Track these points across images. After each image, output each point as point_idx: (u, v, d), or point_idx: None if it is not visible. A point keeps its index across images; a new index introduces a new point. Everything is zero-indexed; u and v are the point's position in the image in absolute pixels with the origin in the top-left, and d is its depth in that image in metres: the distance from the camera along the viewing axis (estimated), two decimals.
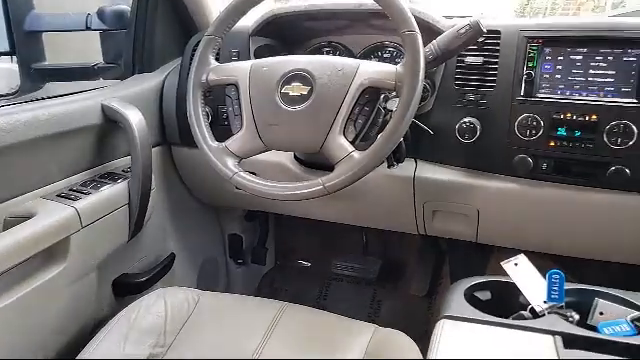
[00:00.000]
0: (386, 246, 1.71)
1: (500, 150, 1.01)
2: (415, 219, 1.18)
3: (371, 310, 1.61)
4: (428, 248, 1.62)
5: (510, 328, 0.63)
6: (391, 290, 1.64)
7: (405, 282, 1.61)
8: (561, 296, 0.69)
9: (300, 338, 0.89)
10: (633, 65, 0.91)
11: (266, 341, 0.87)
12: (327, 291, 1.70)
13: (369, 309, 1.62)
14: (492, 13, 1.64)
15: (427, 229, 1.20)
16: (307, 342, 0.87)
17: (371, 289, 1.66)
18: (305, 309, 0.99)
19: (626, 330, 0.64)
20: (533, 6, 3.81)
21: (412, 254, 1.65)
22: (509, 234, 1.15)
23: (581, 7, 3.14)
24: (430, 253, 1.62)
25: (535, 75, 0.97)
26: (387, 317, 1.57)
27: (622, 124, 0.90)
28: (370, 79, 0.86)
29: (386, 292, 1.64)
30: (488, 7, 1.74)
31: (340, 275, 1.70)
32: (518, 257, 0.75)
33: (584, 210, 1.00)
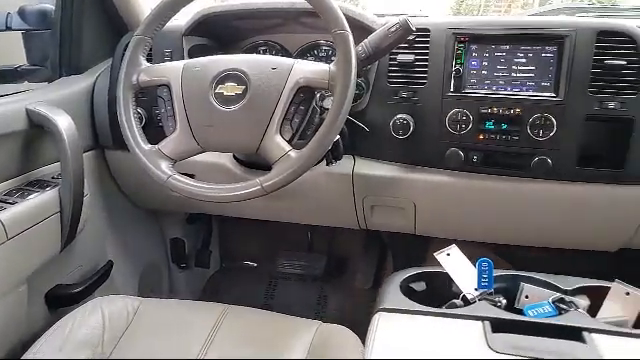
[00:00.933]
0: (331, 242, 1.73)
1: (433, 144, 1.04)
2: (355, 214, 1.20)
3: (318, 306, 1.63)
4: (371, 242, 1.65)
5: (443, 317, 0.66)
6: (337, 285, 1.66)
7: (350, 276, 1.64)
8: (490, 283, 0.72)
9: (243, 340, 0.88)
10: (551, 61, 0.97)
11: (208, 345, 0.86)
12: (274, 290, 1.70)
13: (316, 305, 1.63)
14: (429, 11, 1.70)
15: (367, 224, 1.23)
16: (250, 343, 0.87)
17: (318, 285, 1.67)
18: (248, 310, 0.98)
19: (548, 311, 0.68)
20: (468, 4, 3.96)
21: (356, 248, 1.67)
22: (445, 225, 1.19)
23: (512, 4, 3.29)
24: (374, 246, 1.65)
25: (463, 71, 1.01)
26: (334, 312, 1.59)
27: (543, 117, 0.96)
28: (304, 78, 0.87)
29: (332, 287, 1.66)
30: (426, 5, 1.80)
31: (286, 274, 1.70)
32: (450, 248, 0.78)
33: (512, 199, 1.06)
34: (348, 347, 0.83)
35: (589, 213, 1.04)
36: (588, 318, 0.67)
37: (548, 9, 1.37)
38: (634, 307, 0.68)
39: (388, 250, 1.64)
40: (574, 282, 0.74)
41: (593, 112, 0.94)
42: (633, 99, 0.92)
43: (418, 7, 1.66)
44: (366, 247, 1.65)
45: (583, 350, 0.59)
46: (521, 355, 0.58)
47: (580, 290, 0.73)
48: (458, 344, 0.60)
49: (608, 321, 0.67)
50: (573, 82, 0.94)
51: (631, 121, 0.92)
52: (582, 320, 0.65)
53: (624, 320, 0.67)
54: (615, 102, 0.93)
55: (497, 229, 1.15)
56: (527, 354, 0.58)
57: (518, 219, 1.09)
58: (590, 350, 0.59)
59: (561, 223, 1.07)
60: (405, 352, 0.60)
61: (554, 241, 1.14)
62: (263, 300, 1.68)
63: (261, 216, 1.33)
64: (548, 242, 1.14)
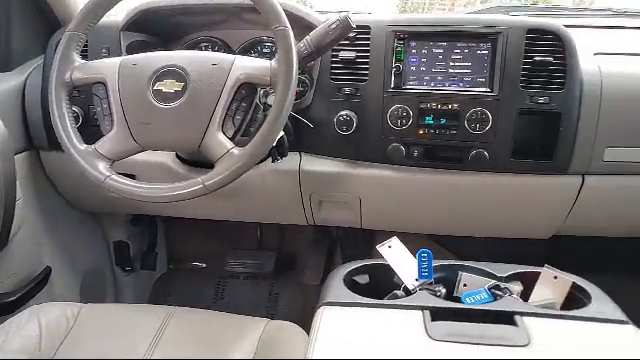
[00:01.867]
0: (281, 239, 1.73)
1: (375, 140, 1.06)
2: (303, 210, 1.21)
3: (269, 304, 1.62)
4: (321, 237, 1.66)
5: (384, 308, 0.67)
6: (288, 282, 1.66)
7: (300, 272, 1.65)
8: (430, 273, 0.74)
9: (189, 341, 0.87)
10: (485, 58, 1.01)
11: (153, 347, 0.84)
12: (224, 290, 1.68)
13: (267, 303, 1.63)
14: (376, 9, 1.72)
15: (315, 219, 1.24)
16: (196, 344, 0.86)
17: (268, 283, 1.67)
18: (195, 311, 0.97)
19: (484, 298, 0.71)
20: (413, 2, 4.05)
21: (306, 244, 1.68)
22: (390, 218, 1.22)
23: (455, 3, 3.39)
24: (323, 242, 1.66)
25: (403, 68, 1.03)
26: (285, 309, 1.59)
27: (479, 111, 0.99)
28: (246, 74, 0.86)
29: (283, 284, 1.66)
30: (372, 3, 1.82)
31: (236, 273, 1.68)
32: (391, 240, 0.79)
33: (452, 191, 1.09)
34: (295, 343, 0.84)
35: (523, 203, 1.09)
36: (520, 303, 0.70)
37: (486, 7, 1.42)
38: (562, 290, 0.72)
39: (337, 245, 1.66)
40: (508, 269, 0.77)
41: (525, 106, 0.98)
42: (560, 94, 0.97)
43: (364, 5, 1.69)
44: (315, 243, 1.66)
45: (514, 333, 0.62)
46: (458, 341, 0.61)
47: (514, 276, 0.77)
48: (398, 334, 0.62)
49: (538, 304, 0.70)
50: (506, 78, 0.98)
51: (559, 115, 0.98)
52: (514, 305, 0.68)
53: (552, 302, 0.71)
54: (544, 97, 0.98)
55: (439, 220, 1.19)
56: (463, 340, 0.61)
57: (458, 210, 1.13)
58: (521, 332, 0.62)
59: (498, 213, 1.12)
60: (347, 344, 0.61)
61: (493, 230, 1.19)
62: (213, 300, 1.66)
63: (207, 215, 1.31)
64: (487, 232, 1.19)
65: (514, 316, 0.65)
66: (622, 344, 0.61)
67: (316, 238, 1.67)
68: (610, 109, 0.98)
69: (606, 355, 0.59)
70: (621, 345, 0.61)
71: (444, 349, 0.59)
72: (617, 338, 0.62)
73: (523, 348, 0.60)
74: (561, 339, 0.61)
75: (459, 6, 3.41)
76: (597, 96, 0.97)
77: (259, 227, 1.70)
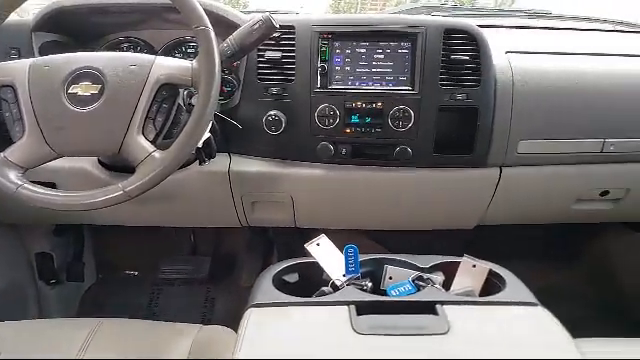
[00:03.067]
0: (216, 242, 1.70)
1: (304, 139, 1.06)
2: (235, 212, 1.19)
3: (205, 309, 1.59)
4: (257, 238, 1.65)
5: (311, 305, 0.68)
6: (224, 286, 1.64)
7: (237, 275, 1.63)
8: (357, 268, 0.76)
9: (117, 353, 0.83)
10: (406, 57, 1.04)
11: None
12: (158, 298, 1.63)
13: (203, 308, 1.59)
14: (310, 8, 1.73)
15: (249, 220, 1.23)
16: (124, 355, 0.82)
17: (204, 288, 1.64)
18: (124, 322, 0.93)
19: (408, 289, 0.74)
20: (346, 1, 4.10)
21: (242, 246, 1.67)
22: (323, 216, 1.23)
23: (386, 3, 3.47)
24: (259, 243, 1.65)
25: (328, 68, 1.05)
26: (222, 313, 1.56)
27: (402, 109, 1.02)
28: (166, 75, 0.84)
29: (219, 289, 1.63)
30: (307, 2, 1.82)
31: (170, 279, 1.64)
32: (320, 237, 0.80)
33: (380, 187, 1.12)
34: (228, 347, 0.83)
35: (447, 195, 1.14)
36: (441, 292, 0.73)
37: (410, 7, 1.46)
38: (480, 277, 0.76)
39: (274, 245, 1.66)
40: (431, 260, 0.80)
41: (444, 103, 1.02)
42: (476, 90, 1.02)
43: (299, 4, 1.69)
44: (251, 244, 1.65)
45: (435, 322, 0.65)
46: (381, 333, 0.62)
47: (436, 267, 0.80)
48: (324, 330, 0.63)
49: (458, 293, 0.74)
50: (426, 76, 1.02)
51: (476, 110, 1.02)
52: (436, 294, 0.71)
53: (471, 290, 0.75)
54: (462, 94, 1.02)
55: (370, 216, 1.21)
56: (387, 332, 0.62)
57: (386, 205, 1.17)
58: (441, 321, 0.65)
59: (424, 206, 1.16)
60: (274, 344, 0.61)
61: (420, 223, 1.23)
62: (147, 309, 1.60)
63: (135, 222, 1.27)
64: (415, 225, 1.23)
65: (435, 305, 0.67)
66: (532, 325, 0.66)
67: (252, 240, 1.66)
68: (521, 104, 1.04)
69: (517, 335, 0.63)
70: (531, 325, 0.65)
71: (368, 342, 0.61)
72: (527, 319, 0.66)
73: (443, 335, 0.62)
74: (477, 324, 0.65)
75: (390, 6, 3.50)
76: (509, 92, 1.03)
77: (193, 231, 1.67)
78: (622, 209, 1.20)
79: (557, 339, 0.63)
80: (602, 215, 1.23)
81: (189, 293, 1.64)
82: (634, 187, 1.15)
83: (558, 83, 1.05)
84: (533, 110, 1.04)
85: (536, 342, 0.62)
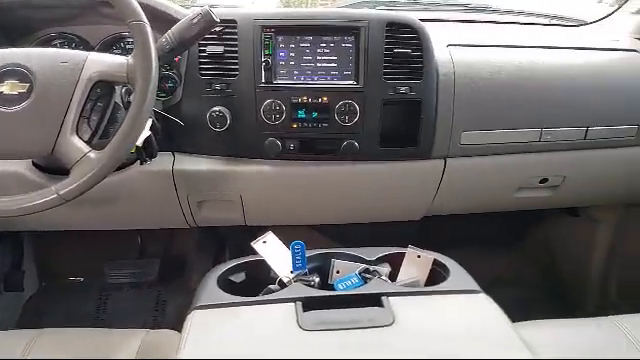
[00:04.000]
0: (165, 244, 1.65)
1: (251, 136, 1.05)
2: (182, 212, 1.16)
3: (157, 312, 1.55)
4: (207, 238, 1.62)
5: (257, 304, 0.67)
6: (175, 288, 1.60)
7: (188, 277, 1.59)
8: (304, 264, 0.75)
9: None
10: (350, 51, 1.04)
11: None
12: (106, 304, 1.57)
13: (154, 312, 1.55)
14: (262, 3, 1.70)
15: (196, 220, 1.20)
16: None
17: (154, 291, 1.59)
18: (65, 331, 0.89)
19: (355, 282, 0.74)
20: None
21: (192, 247, 1.63)
22: (274, 213, 1.22)
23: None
24: (209, 243, 1.62)
25: (272, 62, 1.03)
26: (174, 316, 1.53)
27: (347, 104, 1.02)
28: (100, 72, 0.81)
29: (170, 291, 1.59)
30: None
31: (118, 284, 1.58)
32: (266, 235, 0.79)
33: (329, 182, 1.12)
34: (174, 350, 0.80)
35: (394, 188, 1.15)
36: (387, 284, 0.74)
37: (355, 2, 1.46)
38: (424, 267, 0.77)
39: (225, 245, 1.63)
40: (377, 252, 0.81)
41: (389, 97, 1.03)
42: (419, 83, 1.03)
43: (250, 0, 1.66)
44: (202, 245, 1.62)
45: (381, 314, 0.65)
46: (327, 329, 0.62)
47: (383, 259, 0.81)
48: (270, 328, 0.62)
49: (404, 283, 0.75)
50: (370, 70, 1.02)
51: (419, 103, 1.04)
52: (381, 286, 0.71)
53: (417, 280, 0.76)
54: (405, 87, 1.03)
55: (319, 211, 1.21)
56: (334, 327, 0.62)
57: (336, 200, 1.17)
58: (386, 313, 0.65)
59: (373, 199, 1.17)
60: (217, 345, 0.60)
61: (369, 216, 1.24)
62: (95, 316, 1.54)
63: (77, 226, 1.21)
64: (364, 218, 1.24)
65: (381, 297, 0.68)
66: (474, 312, 0.67)
67: (202, 240, 1.62)
68: (463, 96, 1.06)
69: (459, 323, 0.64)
70: (472, 313, 0.67)
71: (314, 338, 0.60)
72: (470, 307, 0.68)
73: (388, 327, 0.63)
74: (421, 314, 0.66)
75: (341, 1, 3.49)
76: (451, 84, 1.05)
77: (140, 234, 1.61)
78: (560, 196, 1.25)
79: (497, 325, 0.65)
80: (542, 202, 1.28)
81: (139, 297, 1.59)
82: (570, 174, 1.20)
83: (497, 75, 1.08)
84: (474, 102, 1.07)
85: (477, 329, 0.64)
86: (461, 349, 0.60)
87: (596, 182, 1.25)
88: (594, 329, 0.85)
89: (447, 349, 0.60)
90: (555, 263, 1.66)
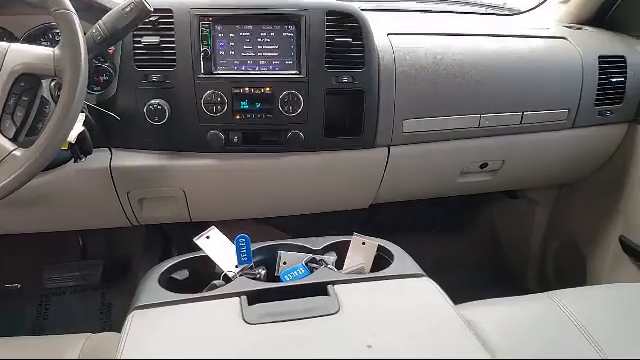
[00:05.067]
0: (108, 244, 1.59)
1: (192, 128, 1.02)
2: (122, 211, 1.12)
3: (103, 315, 1.49)
4: (153, 236, 1.57)
5: (200, 301, 0.65)
6: (121, 289, 1.54)
7: (134, 277, 1.54)
8: (249, 257, 0.74)
9: None
10: (291, 40, 1.03)
11: None
12: (47, 310, 1.49)
13: (100, 315, 1.49)
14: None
15: (139, 218, 1.16)
16: None
17: (99, 293, 1.53)
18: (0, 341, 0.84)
19: (302, 273, 0.74)
20: None
21: (138, 246, 1.57)
22: (220, 207, 1.19)
23: None
24: (156, 241, 1.57)
25: (212, 52, 1.00)
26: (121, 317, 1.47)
27: (291, 94, 1.01)
28: (24, 64, 0.76)
29: (116, 292, 1.54)
30: None
31: (59, 288, 1.51)
32: (210, 230, 0.77)
33: (275, 173, 1.11)
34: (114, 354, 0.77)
35: (341, 177, 1.15)
36: (333, 272, 0.74)
37: None
38: (370, 254, 0.78)
39: (172, 242, 1.59)
40: (323, 241, 0.81)
41: (331, 86, 1.03)
42: (361, 72, 1.03)
43: None
44: (147, 243, 1.57)
45: (327, 302, 0.65)
46: (273, 321, 0.61)
47: (329, 247, 0.81)
48: (214, 325, 0.61)
49: (350, 271, 0.75)
50: (312, 59, 1.01)
51: (362, 92, 1.04)
52: (328, 275, 0.71)
53: (362, 267, 0.76)
54: (348, 76, 1.03)
55: (268, 203, 1.20)
56: (279, 319, 0.62)
57: (283, 191, 1.16)
58: (332, 301, 0.65)
59: (320, 189, 1.17)
60: (158, 347, 0.58)
61: (318, 206, 1.24)
62: (35, 323, 1.46)
63: (9, 230, 1.14)
64: (312, 208, 1.24)
65: (327, 286, 0.68)
66: (417, 295, 0.69)
67: (148, 238, 1.57)
68: (404, 85, 1.07)
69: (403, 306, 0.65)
70: (416, 296, 0.68)
71: (259, 331, 0.60)
72: (413, 290, 0.69)
73: (334, 315, 0.63)
74: (366, 300, 0.66)
75: None
76: (392, 73, 1.06)
77: (80, 234, 1.54)
78: (500, 179, 1.30)
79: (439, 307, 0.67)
80: (484, 186, 1.32)
81: (83, 301, 1.52)
82: (508, 158, 1.25)
83: (436, 63, 1.09)
84: (415, 90, 1.08)
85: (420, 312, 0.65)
86: (404, 332, 0.61)
87: (533, 165, 1.31)
88: (532, 305, 0.88)
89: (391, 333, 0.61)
90: (498, 245, 1.73)
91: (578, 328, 0.81)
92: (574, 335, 0.80)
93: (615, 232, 1.35)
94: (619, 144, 1.32)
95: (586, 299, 0.91)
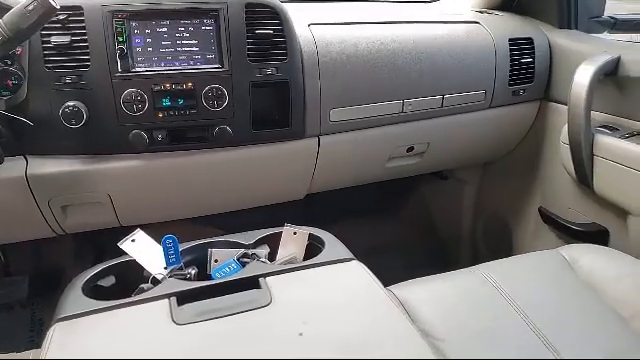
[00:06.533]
0: (34, 257, 1.50)
1: (113, 130, 0.98)
2: (45, 221, 1.06)
3: (33, 333, 1.41)
4: (83, 245, 1.50)
5: (128, 306, 0.63)
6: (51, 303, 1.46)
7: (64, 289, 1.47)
8: (178, 258, 0.73)
9: None
10: (211, 34, 1.01)
11: None
12: None
13: (30, 332, 1.41)
14: None
15: (64, 227, 1.10)
16: None
17: (28, 310, 1.44)
18: None
19: (233, 269, 0.73)
20: None
21: (66, 256, 1.50)
22: (150, 210, 1.16)
23: None
24: (86, 249, 1.51)
25: (128, 50, 0.97)
26: None
27: (214, 88, 1.00)
28: None
29: (46, 307, 1.46)
30: None
31: None
32: (135, 233, 0.75)
33: (205, 171, 1.09)
34: None
35: (273, 170, 1.15)
36: (265, 265, 0.74)
37: None
38: (301, 243, 0.79)
39: (105, 250, 1.53)
40: (255, 235, 0.81)
41: (256, 79, 1.02)
42: (285, 64, 1.03)
43: None
44: (77, 253, 1.50)
45: (258, 295, 0.65)
46: (204, 319, 0.61)
47: (261, 241, 0.81)
48: (142, 329, 0.59)
49: (282, 262, 0.76)
50: (234, 52, 1.00)
51: (287, 84, 1.04)
52: (259, 268, 0.71)
53: (294, 257, 0.77)
54: (272, 68, 1.03)
55: (199, 202, 1.18)
56: (210, 316, 0.61)
57: (215, 188, 1.14)
58: (264, 293, 0.65)
59: (253, 183, 1.16)
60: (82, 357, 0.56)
61: (252, 201, 1.24)
62: None
63: None
64: (246, 203, 1.23)
65: (258, 279, 0.68)
66: (347, 279, 0.70)
67: (78, 247, 1.50)
68: (328, 74, 1.08)
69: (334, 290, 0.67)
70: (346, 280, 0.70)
71: (190, 331, 0.59)
72: (343, 275, 0.71)
73: (266, 307, 0.63)
74: (298, 288, 0.67)
75: None
76: (315, 63, 1.07)
77: (2, 249, 1.45)
78: (427, 161, 1.35)
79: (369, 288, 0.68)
80: (412, 169, 1.36)
81: (10, 318, 1.43)
82: (433, 141, 1.29)
83: (358, 51, 1.11)
84: (339, 79, 1.10)
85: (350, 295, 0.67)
86: (335, 317, 0.62)
87: (456, 146, 1.37)
88: (461, 279, 0.93)
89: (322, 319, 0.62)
90: (431, 225, 1.79)
91: (504, 297, 0.86)
92: (501, 304, 0.85)
93: (535, 204, 1.44)
94: (533, 121, 1.41)
95: (510, 269, 0.96)
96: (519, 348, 0.76)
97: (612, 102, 1.19)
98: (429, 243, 1.78)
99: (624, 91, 1.16)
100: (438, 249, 1.78)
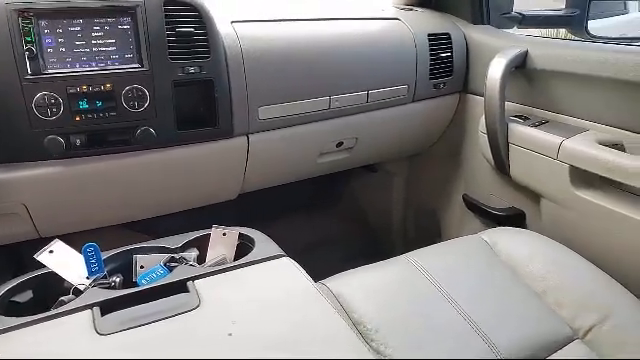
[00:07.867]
0: None
1: (26, 136, 0.92)
2: None
3: None
4: (1, 259, 1.40)
5: (47, 320, 0.60)
6: None
7: None
8: (100, 267, 0.70)
9: None
10: (129, 33, 0.97)
11: None
12: None
13: None
14: None
15: None
16: None
17: None
18: None
19: (160, 274, 0.71)
20: None
21: None
22: (72, 218, 1.10)
23: None
24: (6, 264, 1.41)
25: (38, 51, 0.91)
26: None
27: (135, 88, 0.96)
28: None
29: None
30: None
31: None
32: (52, 244, 0.72)
33: (129, 174, 1.05)
34: None
35: (202, 171, 1.13)
36: (193, 268, 0.73)
37: None
38: (231, 244, 0.78)
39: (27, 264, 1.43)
40: (182, 239, 0.79)
41: (178, 78, 1.00)
42: (208, 62, 1.02)
43: None
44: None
45: (186, 299, 0.64)
46: (129, 327, 0.59)
47: (190, 244, 0.79)
48: (63, 344, 0.56)
49: (211, 263, 0.75)
50: (154, 51, 0.97)
51: (211, 82, 1.03)
52: (187, 271, 0.70)
53: (224, 258, 0.76)
54: (194, 66, 1.01)
55: (126, 208, 1.14)
56: (134, 324, 0.59)
57: (142, 192, 1.11)
58: (192, 297, 0.64)
59: (181, 185, 1.14)
60: None
61: (182, 204, 1.21)
62: None
63: None
64: (176, 206, 1.20)
65: (186, 283, 0.67)
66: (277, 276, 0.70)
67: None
68: (253, 72, 1.08)
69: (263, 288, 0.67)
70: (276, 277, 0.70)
71: (115, 341, 0.57)
72: (273, 272, 0.71)
73: (194, 310, 0.62)
74: (228, 289, 0.66)
75: None
76: (240, 61, 1.06)
77: None
78: (356, 156, 1.38)
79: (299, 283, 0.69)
80: (342, 163, 1.39)
81: None
82: (360, 135, 1.32)
83: (283, 49, 1.12)
84: (265, 76, 1.10)
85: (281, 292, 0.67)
86: (264, 315, 0.62)
87: (383, 139, 1.41)
88: (391, 268, 0.96)
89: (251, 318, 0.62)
90: (365, 218, 1.84)
91: (432, 283, 0.90)
92: (430, 290, 0.88)
93: (459, 192, 1.51)
94: (454, 113, 1.48)
95: (436, 255, 1.01)
96: (449, 332, 0.80)
97: (523, 93, 1.27)
98: (363, 235, 1.82)
99: (532, 82, 1.24)
100: (372, 240, 1.82)
